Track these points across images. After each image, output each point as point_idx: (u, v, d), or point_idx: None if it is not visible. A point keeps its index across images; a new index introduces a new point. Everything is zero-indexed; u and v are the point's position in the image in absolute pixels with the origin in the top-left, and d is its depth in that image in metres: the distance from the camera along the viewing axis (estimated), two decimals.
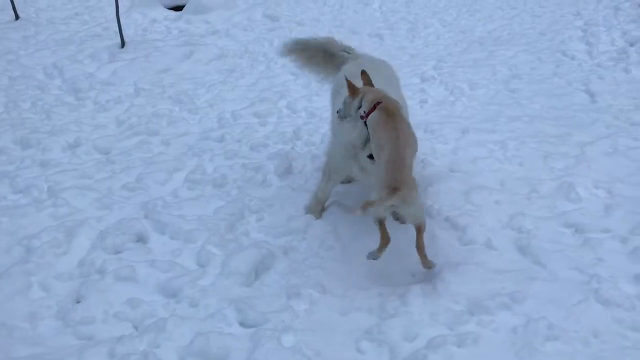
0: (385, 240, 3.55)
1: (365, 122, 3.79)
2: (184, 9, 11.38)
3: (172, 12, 11.39)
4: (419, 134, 5.79)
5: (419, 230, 3.51)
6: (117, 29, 9.33)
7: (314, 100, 7.13)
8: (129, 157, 5.73)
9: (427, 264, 3.60)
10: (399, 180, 3.37)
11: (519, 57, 8.22)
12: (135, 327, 3.42)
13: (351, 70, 4.38)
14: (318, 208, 4.52)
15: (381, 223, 3.53)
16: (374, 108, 3.70)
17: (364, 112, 3.77)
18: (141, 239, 4.27)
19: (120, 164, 5.57)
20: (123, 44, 9.29)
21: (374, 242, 3.85)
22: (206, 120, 6.65)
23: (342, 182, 4.73)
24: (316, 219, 4.42)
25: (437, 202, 4.47)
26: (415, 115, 6.44)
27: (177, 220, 4.44)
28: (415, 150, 3.75)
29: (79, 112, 7.02)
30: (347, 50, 5.10)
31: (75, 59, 8.79)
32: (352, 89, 3.89)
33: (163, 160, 5.58)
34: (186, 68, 8.57)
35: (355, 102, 3.87)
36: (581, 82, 7.12)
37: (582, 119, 6.04)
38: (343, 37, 9.96)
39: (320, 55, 5.16)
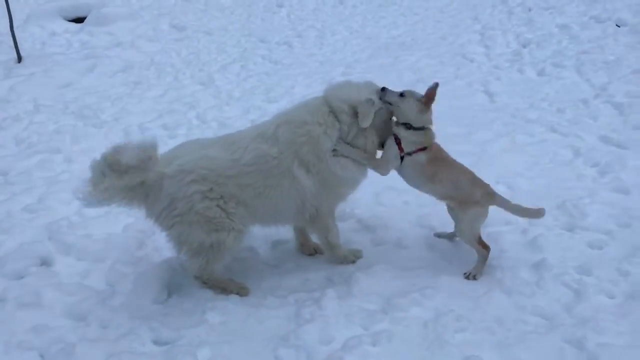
0: (488, 248, 3.81)
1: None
2: (86, 20, 10.99)
3: (73, 24, 10.98)
4: None
5: None
6: (12, 43, 8.88)
7: (225, 110, 7.09)
8: (29, 177, 5.45)
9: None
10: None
11: (422, 61, 8.53)
12: (42, 356, 3.25)
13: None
14: (345, 252, 4.02)
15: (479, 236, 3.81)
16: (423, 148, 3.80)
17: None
18: (45, 262, 4.07)
19: (20, 184, 5.29)
20: (20, 58, 8.86)
21: (290, 252, 3.88)
22: (112, 135, 6.43)
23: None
24: (358, 259, 4.02)
25: (350, 205, 4.55)
26: None
27: (84, 240, 4.27)
28: None
29: None
30: None
31: None
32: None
33: (67, 179, 5.34)
34: (89, 82, 8.29)
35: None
36: (480, 83, 7.48)
37: (482, 118, 6.35)
38: (252, 45, 10.04)
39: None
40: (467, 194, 3.75)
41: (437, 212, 4.44)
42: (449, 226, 4.29)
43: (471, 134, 5.90)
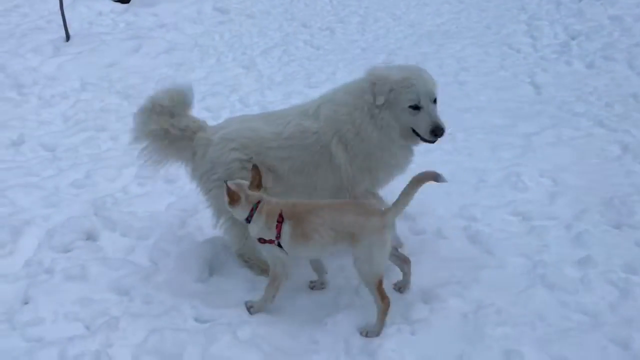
0: (387, 301, 3.20)
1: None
2: (131, 1, 11.13)
3: (119, 5, 11.11)
4: None
5: None
6: (61, 22, 9.05)
7: (266, 94, 7.12)
8: (76, 154, 5.59)
9: None
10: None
11: (467, 50, 8.40)
12: (87, 327, 3.34)
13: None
14: None
15: (381, 281, 3.24)
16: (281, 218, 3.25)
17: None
18: (91, 236, 4.18)
19: (67, 160, 5.43)
20: (68, 37, 9.03)
21: None
22: None
23: None
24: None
25: (390, 194, 4.52)
26: None
27: (128, 217, 4.36)
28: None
29: (22, 107, 6.80)
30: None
31: (16, 53, 8.48)
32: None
33: (112, 157, 5.46)
34: (134, 62, 8.40)
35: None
36: (526, 74, 7.33)
37: (527, 110, 6.23)
38: (294, 30, 10.03)
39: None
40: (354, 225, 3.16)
41: (479, 203, 4.40)
42: (490, 217, 4.25)
43: (515, 125, 5.80)
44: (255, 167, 3.34)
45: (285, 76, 7.80)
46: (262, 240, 3.29)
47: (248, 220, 3.30)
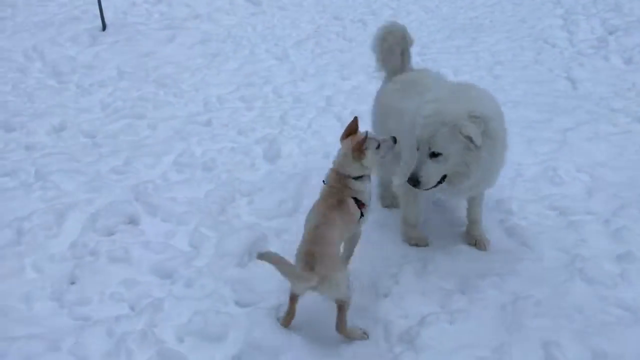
0: (290, 315, 3.23)
1: None
2: None
3: None
4: None
5: (341, 308, 3.12)
6: (96, 12, 9.20)
7: (300, 85, 7.16)
8: (115, 141, 5.71)
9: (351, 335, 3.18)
10: (316, 255, 3.02)
11: (501, 44, 8.34)
12: (132, 308, 3.44)
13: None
14: (415, 233, 4.01)
15: (293, 300, 3.20)
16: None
17: None
18: (133, 221, 4.28)
19: (107, 147, 5.55)
20: (104, 27, 9.17)
21: (368, 227, 3.93)
22: (192, 104, 6.64)
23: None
24: (425, 245, 3.97)
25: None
26: None
27: (168, 202, 4.46)
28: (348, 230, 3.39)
29: (61, 95, 6.95)
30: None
31: (55, 41, 8.65)
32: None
33: (150, 144, 5.57)
34: (169, 52, 8.50)
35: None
36: (562, 69, 7.25)
37: (563, 105, 6.18)
38: (325, 22, 10.05)
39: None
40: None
41: (515, 197, 4.41)
42: (527, 211, 4.25)
43: (551, 120, 5.76)
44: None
45: (318, 68, 7.83)
46: None
47: None
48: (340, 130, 5.68)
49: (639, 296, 3.37)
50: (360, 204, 3.35)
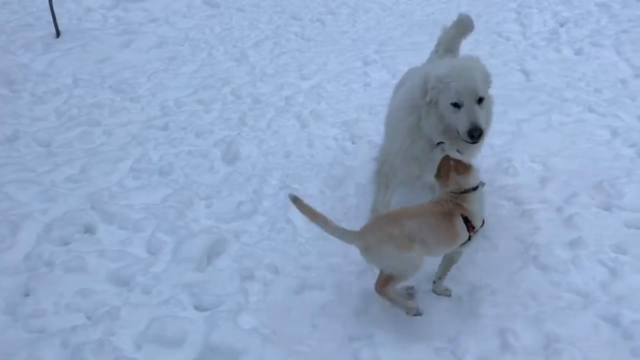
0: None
1: None
2: None
3: (108, 0, 11.06)
4: (363, 116, 6.01)
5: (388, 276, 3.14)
6: (50, 19, 9.01)
7: (258, 86, 7.15)
8: (70, 149, 5.61)
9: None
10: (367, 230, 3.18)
11: None
12: (89, 317, 3.38)
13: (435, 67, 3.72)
14: None
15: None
16: None
17: None
18: (89, 229, 4.21)
19: (63, 156, 5.45)
20: (58, 33, 9.00)
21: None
22: (149, 109, 6.57)
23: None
24: None
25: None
26: (359, 98, 6.60)
27: (125, 209, 4.40)
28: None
29: (14, 104, 6.78)
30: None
31: (7, 49, 8.44)
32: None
33: (106, 151, 5.49)
34: (125, 57, 8.39)
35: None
36: (516, 62, 7.39)
37: (518, 97, 6.29)
38: (284, 22, 10.05)
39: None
40: None
41: None
42: None
43: (507, 112, 5.85)
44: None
45: (277, 68, 7.82)
46: None
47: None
48: (301, 131, 5.78)
49: (589, 280, 3.47)
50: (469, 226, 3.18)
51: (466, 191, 3.16)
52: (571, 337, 3.09)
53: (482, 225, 3.25)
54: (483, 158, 4.90)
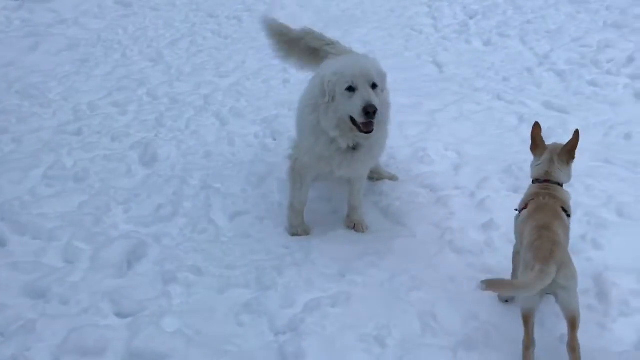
0: (529, 342, 2.81)
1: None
2: None
3: (12, 1, 10.53)
4: (283, 112, 6.03)
5: (574, 324, 2.74)
6: None
7: (176, 85, 7.03)
8: None
9: None
10: (555, 252, 2.71)
11: (372, 34, 8.62)
12: (1, 334, 3.22)
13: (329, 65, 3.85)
14: (300, 221, 4.11)
15: (528, 318, 2.80)
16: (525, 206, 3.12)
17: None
18: None
19: None
20: None
21: (249, 222, 3.92)
22: (61, 114, 6.31)
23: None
24: (307, 234, 4.07)
25: None
26: (279, 94, 6.62)
27: (38, 219, 4.23)
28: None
29: None
30: (329, 43, 4.69)
31: None
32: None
33: (16, 159, 5.24)
34: (33, 60, 8.03)
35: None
36: (429, 54, 7.63)
37: (431, 88, 6.51)
38: (200, 20, 9.91)
39: (301, 47, 4.76)
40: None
41: (384, 182, 4.60)
42: (400, 191, 4.44)
43: (421, 104, 6.05)
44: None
45: (195, 67, 7.71)
46: None
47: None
48: (221, 130, 5.73)
49: (502, 260, 3.63)
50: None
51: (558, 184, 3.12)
52: (488, 315, 3.24)
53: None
54: (399, 148, 5.06)
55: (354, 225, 4.12)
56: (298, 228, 4.09)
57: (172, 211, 4.36)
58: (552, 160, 3.16)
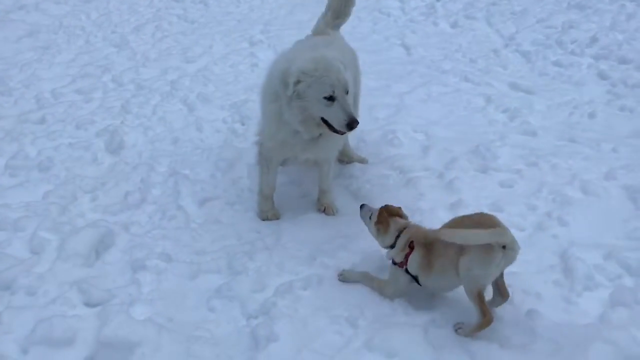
0: (488, 318, 2.90)
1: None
2: None
3: None
4: (252, 96, 5.97)
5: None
6: None
7: (141, 71, 6.91)
8: None
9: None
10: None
11: None
12: None
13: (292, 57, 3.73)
14: (269, 205, 4.11)
15: (481, 295, 2.89)
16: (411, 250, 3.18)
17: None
18: None
19: None
20: None
21: (219, 208, 3.89)
22: (23, 102, 6.16)
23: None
24: (277, 219, 4.07)
25: None
26: (247, 78, 6.56)
27: (2, 209, 4.14)
28: None
29: None
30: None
31: None
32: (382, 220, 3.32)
33: None
34: None
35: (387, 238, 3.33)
36: (397, 37, 7.65)
37: (399, 71, 6.53)
38: (165, 5, 9.73)
39: None
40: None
41: (354, 165, 4.61)
42: (370, 174, 4.46)
43: (390, 86, 6.06)
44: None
45: (160, 52, 7.59)
46: (393, 262, 3.25)
47: (392, 246, 3.26)
48: (188, 115, 5.66)
49: None
50: None
51: None
52: (458, 292, 3.27)
53: None
54: (369, 132, 5.07)
55: (324, 208, 4.12)
56: (268, 212, 4.08)
57: (140, 198, 4.30)
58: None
